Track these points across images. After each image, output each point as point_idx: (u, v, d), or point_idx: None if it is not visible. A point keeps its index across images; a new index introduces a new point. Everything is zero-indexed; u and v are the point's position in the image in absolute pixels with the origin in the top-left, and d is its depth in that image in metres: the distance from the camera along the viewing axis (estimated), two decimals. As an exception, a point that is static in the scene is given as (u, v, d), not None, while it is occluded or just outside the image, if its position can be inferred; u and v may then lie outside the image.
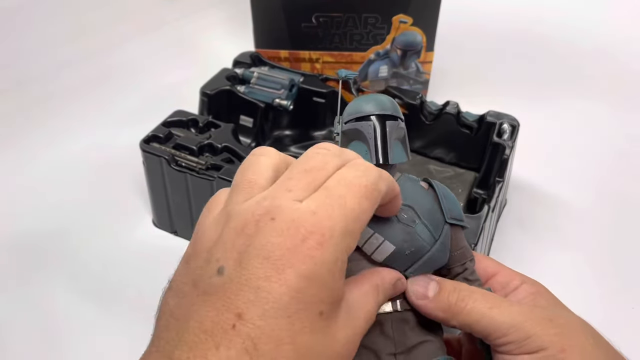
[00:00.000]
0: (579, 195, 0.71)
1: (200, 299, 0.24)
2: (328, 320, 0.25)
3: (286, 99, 0.70)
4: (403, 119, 0.33)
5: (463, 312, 0.30)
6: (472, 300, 0.30)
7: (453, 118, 0.66)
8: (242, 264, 0.24)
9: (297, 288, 0.24)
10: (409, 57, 0.79)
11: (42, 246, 0.64)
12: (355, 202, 0.26)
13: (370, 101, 0.33)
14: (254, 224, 0.25)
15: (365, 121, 0.32)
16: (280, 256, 0.24)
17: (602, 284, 0.60)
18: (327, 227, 0.25)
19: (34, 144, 0.78)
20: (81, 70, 0.89)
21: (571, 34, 0.99)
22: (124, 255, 0.64)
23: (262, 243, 0.24)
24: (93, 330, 0.56)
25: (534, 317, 0.29)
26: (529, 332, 0.28)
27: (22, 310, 0.58)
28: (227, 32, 0.99)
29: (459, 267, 0.33)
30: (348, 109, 0.33)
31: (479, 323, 0.29)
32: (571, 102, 0.86)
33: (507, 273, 0.34)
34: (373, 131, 0.32)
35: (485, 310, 0.29)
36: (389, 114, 0.32)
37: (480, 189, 0.65)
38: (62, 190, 0.72)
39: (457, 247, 0.33)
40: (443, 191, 0.33)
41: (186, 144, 0.61)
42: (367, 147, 0.32)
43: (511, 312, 0.29)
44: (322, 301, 0.24)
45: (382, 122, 0.32)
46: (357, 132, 0.32)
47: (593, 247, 0.64)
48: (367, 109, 0.32)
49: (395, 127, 0.32)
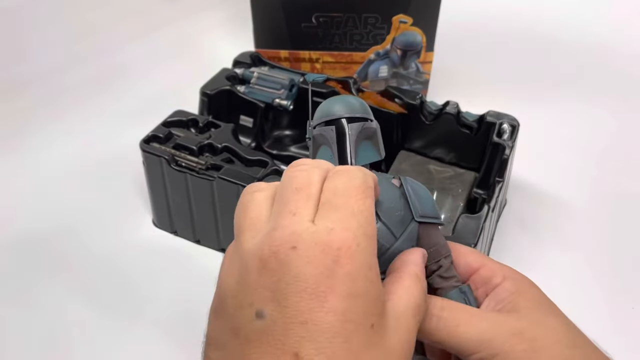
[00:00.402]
0: (579, 195, 0.71)
1: (246, 348, 0.24)
2: (380, 330, 0.25)
3: (286, 99, 0.70)
4: (373, 119, 0.33)
5: (432, 331, 0.30)
6: (441, 319, 0.30)
7: (453, 118, 0.66)
8: (281, 302, 0.24)
9: (344, 310, 0.23)
10: (409, 57, 0.79)
11: (42, 246, 0.64)
12: (360, 204, 0.26)
13: (337, 103, 0.33)
14: (274, 257, 0.24)
15: (328, 126, 0.32)
16: (317, 284, 0.23)
17: (602, 284, 0.60)
18: (350, 239, 0.25)
19: (34, 144, 0.78)
20: (81, 71, 0.89)
21: (571, 34, 0.99)
22: (124, 255, 0.64)
23: (294, 275, 0.24)
24: (93, 330, 0.56)
25: (503, 332, 0.29)
26: (497, 348, 0.28)
27: (22, 310, 0.58)
28: (227, 32, 0.99)
29: (433, 264, 0.33)
30: (317, 111, 0.33)
31: (448, 341, 0.29)
32: (571, 102, 0.86)
33: (490, 267, 0.34)
34: (335, 135, 0.32)
35: (452, 328, 0.29)
36: (354, 115, 0.32)
37: (480, 189, 0.65)
38: (62, 190, 0.72)
39: (429, 245, 0.32)
40: (413, 187, 0.33)
41: (186, 144, 0.61)
42: (331, 152, 0.32)
43: (480, 328, 0.29)
44: (370, 314, 0.24)
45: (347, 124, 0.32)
46: (323, 137, 0.32)
47: (593, 247, 0.64)
48: (333, 112, 0.32)
49: (359, 128, 0.32)
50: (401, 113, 0.68)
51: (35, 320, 0.57)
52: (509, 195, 0.70)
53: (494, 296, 0.32)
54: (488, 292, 0.33)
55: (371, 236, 0.26)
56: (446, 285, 0.32)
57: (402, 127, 0.69)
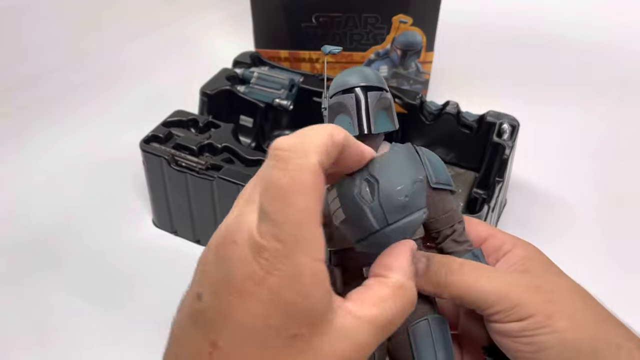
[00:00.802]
0: (579, 195, 0.71)
1: (187, 322, 0.25)
2: (309, 341, 0.24)
3: (286, 99, 0.70)
4: (388, 90, 0.33)
5: (452, 285, 0.30)
6: (461, 273, 0.30)
7: (453, 118, 0.66)
8: (214, 292, 0.24)
9: (264, 315, 0.23)
10: (409, 57, 0.79)
11: (42, 246, 0.64)
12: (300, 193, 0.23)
13: (354, 74, 0.33)
14: (222, 246, 0.25)
15: (348, 94, 0.32)
16: (244, 284, 0.23)
17: (602, 283, 0.59)
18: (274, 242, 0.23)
19: (34, 144, 0.78)
20: (81, 70, 0.89)
21: (571, 34, 0.99)
22: (124, 255, 0.64)
23: (227, 268, 0.24)
24: (92, 329, 0.56)
25: (521, 285, 0.30)
26: (516, 300, 0.29)
27: (22, 310, 0.58)
28: (227, 32, 0.99)
29: (447, 229, 0.33)
30: (333, 83, 0.34)
31: (468, 295, 0.30)
32: (571, 102, 0.85)
33: (499, 237, 0.34)
34: (355, 102, 0.32)
35: (472, 282, 0.30)
36: (372, 85, 0.32)
37: (480, 189, 0.65)
38: (62, 190, 0.72)
39: (444, 211, 0.33)
40: (428, 156, 0.33)
41: (186, 144, 0.61)
42: (350, 119, 0.32)
43: (498, 282, 0.30)
44: (294, 324, 0.23)
45: (365, 93, 0.32)
46: (341, 105, 0.33)
47: (593, 246, 0.64)
48: (350, 82, 0.33)
49: (378, 97, 0.32)
50: (401, 113, 0.68)
51: (35, 319, 0.57)
52: (508, 195, 0.70)
53: (505, 261, 0.33)
54: (498, 258, 0.34)
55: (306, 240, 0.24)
56: (459, 250, 0.33)
57: (402, 127, 0.68)
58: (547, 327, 0.29)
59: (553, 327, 0.29)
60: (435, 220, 0.33)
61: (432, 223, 0.33)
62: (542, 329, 0.29)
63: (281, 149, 0.24)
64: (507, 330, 0.29)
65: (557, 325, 0.29)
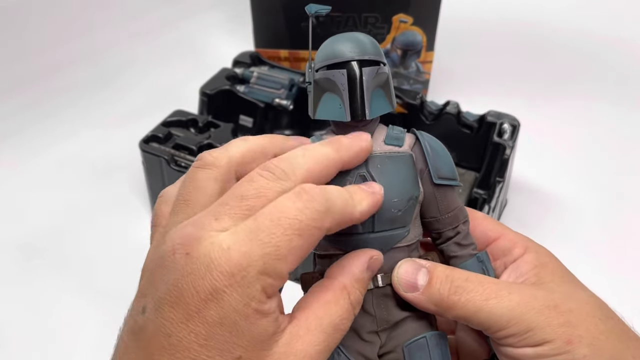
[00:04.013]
0: (580, 195, 0.70)
1: (128, 336, 0.24)
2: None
3: (286, 98, 0.70)
4: (385, 62, 0.29)
5: (457, 305, 0.27)
6: (467, 292, 0.27)
7: (453, 118, 0.66)
8: (158, 306, 0.23)
9: (207, 335, 0.22)
10: (409, 56, 0.79)
11: (42, 246, 0.64)
12: (284, 239, 0.23)
13: (346, 42, 0.28)
14: (171, 255, 0.23)
15: (338, 69, 0.27)
16: (190, 301, 0.22)
17: (602, 283, 0.59)
18: (239, 267, 0.22)
19: (33, 144, 0.78)
20: (81, 70, 0.89)
21: (571, 34, 0.99)
22: (124, 255, 0.63)
23: (174, 282, 0.23)
24: (92, 330, 0.56)
25: (536, 306, 0.26)
26: (531, 324, 0.26)
27: (22, 310, 0.58)
28: (227, 32, 0.99)
29: (450, 230, 0.30)
30: (320, 51, 0.28)
31: (475, 316, 0.27)
32: (572, 101, 0.85)
33: (510, 238, 0.31)
34: (347, 80, 0.27)
35: (481, 302, 0.27)
36: (367, 58, 0.27)
37: (480, 189, 0.65)
38: (62, 190, 0.71)
39: (447, 210, 0.29)
40: (431, 144, 0.30)
41: (186, 144, 0.61)
42: (340, 100, 0.28)
43: (510, 301, 0.26)
44: (237, 345, 0.22)
45: (360, 69, 0.27)
46: (329, 81, 0.28)
47: (594, 246, 0.64)
48: (342, 53, 0.27)
49: (374, 73, 0.28)
50: (401, 113, 0.68)
51: (35, 319, 0.57)
52: (509, 195, 0.70)
53: (514, 268, 0.30)
54: (507, 264, 0.30)
55: (271, 274, 0.23)
56: (463, 254, 0.30)
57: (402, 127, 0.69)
58: (567, 353, 0.26)
59: (573, 354, 0.26)
60: (437, 220, 0.30)
61: (432, 223, 0.30)
62: (561, 355, 0.26)
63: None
64: (519, 355, 0.27)
65: (577, 352, 0.26)
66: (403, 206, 0.28)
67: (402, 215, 0.28)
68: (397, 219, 0.28)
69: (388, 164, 0.28)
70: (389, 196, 0.27)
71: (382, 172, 0.28)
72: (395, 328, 0.29)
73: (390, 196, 0.28)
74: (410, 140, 0.30)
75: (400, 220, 0.28)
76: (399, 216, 0.28)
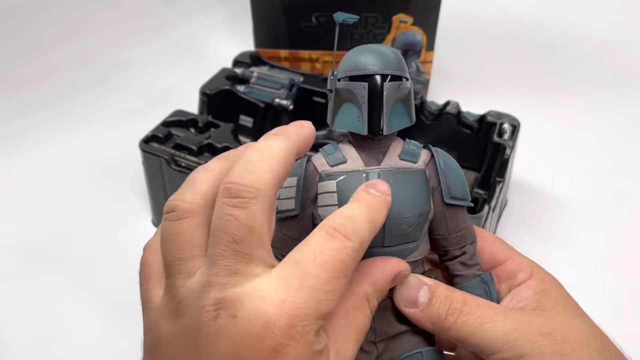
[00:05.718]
0: (580, 195, 0.70)
1: None
2: None
3: (286, 98, 0.70)
4: (408, 77, 0.29)
5: (453, 327, 0.28)
6: (464, 314, 0.28)
7: (453, 118, 0.66)
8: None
9: None
10: (409, 56, 0.79)
11: (42, 246, 0.64)
12: (333, 283, 0.23)
13: (370, 55, 0.28)
14: (212, 322, 0.22)
15: (359, 82, 0.27)
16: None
17: (603, 283, 0.59)
18: (298, 318, 0.22)
19: (33, 144, 0.78)
20: (81, 70, 0.89)
21: (572, 34, 0.99)
22: (124, 255, 0.63)
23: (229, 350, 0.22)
24: (92, 330, 0.56)
25: (530, 332, 0.27)
26: (524, 349, 0.26)
27: (22, 311, 0.58)
28: (227, 32, 0.99)
29: (456, 250, 0.30)
30: (344, 61, 0.29)
31: (470, 339, 0.27)
32: (572, 101, 0.85)
33: (516, 261, 0.31)
34: (367, 94, 0.27)
35: (477, 325, 0.27)
36: (389, 72, 0.27)
37: (480, 189, 0.64)
38: (62, 190, 0.71)
39: (455, 229, 0.30)
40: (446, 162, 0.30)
41: (186, 144, 0.61)
42: (359, 113, 0.28)
43: (505, 326, 0.27)
44: None
45: (381, 84, 0.27)
46: (350, 93, 0.28)
47: (594, 247, 0.64)
48: (365, 66, 0.27)
49: (395, 88, 0.28)
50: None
51: (35, 319, 0.57)
52: (509, 195, 0.70)
53: (517, 293, 0.30)
54: (511, 287, 0.31)
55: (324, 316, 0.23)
56: (467, 274, 0.30)
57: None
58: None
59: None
60: (445, 238, 0.30)
61: (440, 240, 0.30)
62: None
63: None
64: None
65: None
66: (413, 222, 0.28)
67: (412, 232, 0.28)
68: (407, 235, 0.28)
69: (401, 180, 0.28)
70: (400, 212, 0.28)
71: (395, 187, 0.28)
72: (393, 340, 0.29)
73: (402, 212, 0.28)
74: (425, 156, 0.30)
75: (410, 236, 0.29)
76: (409, 232, 0.28)
